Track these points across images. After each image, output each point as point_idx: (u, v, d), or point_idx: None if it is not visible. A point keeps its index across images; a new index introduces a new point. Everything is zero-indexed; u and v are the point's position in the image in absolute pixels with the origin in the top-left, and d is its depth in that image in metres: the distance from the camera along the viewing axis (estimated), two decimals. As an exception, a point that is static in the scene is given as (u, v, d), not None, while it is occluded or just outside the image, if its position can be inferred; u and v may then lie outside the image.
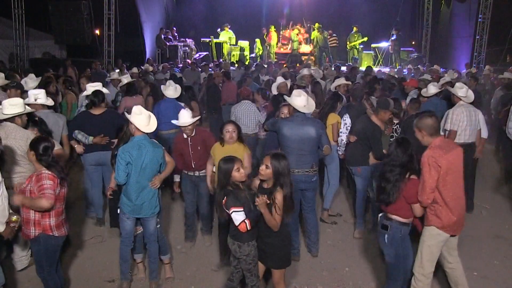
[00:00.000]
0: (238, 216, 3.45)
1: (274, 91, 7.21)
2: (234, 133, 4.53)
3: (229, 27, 17.98)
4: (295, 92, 4.91)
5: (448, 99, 6.94)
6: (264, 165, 3.58)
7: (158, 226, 4.47)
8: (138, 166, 4.07)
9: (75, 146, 5.50)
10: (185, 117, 4.81)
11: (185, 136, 4.94)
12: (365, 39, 17.44)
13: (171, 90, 6.65)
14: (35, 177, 3.65)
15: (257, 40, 18.11)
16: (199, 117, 5.29)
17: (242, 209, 3.45)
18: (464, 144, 5.93)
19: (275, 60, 17.19)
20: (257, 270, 3.72)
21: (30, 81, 7.04)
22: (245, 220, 3.44)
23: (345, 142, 5.59)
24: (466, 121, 5.84)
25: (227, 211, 3.50)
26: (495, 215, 6.25)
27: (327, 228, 5.77)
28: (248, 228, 3.46)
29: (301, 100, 4.73)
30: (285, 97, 5.18)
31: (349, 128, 5.62)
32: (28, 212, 3.69)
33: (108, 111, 5.63)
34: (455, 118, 5.84)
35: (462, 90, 5.94)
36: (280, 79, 6.74)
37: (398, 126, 5.70)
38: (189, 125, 4.81)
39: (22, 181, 3.93)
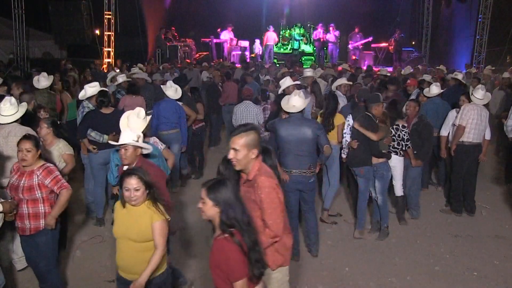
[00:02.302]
0: None
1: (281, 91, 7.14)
2: (137, 192, 3.06)
3: (231, 28, 17.95)
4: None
5: (451, 99, 6.95)
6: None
7: None
8: None
9: (89, 146, 5.50)
10: (126, 135, 3.63)
11: (124, 167, 3.70)
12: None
13: (172, 91, 6.64)
14: (43, 171, 3.71)
15: (257, 40, 18.11)
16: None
17: None
18: (471, 144, 5.94)
19: (275, 60, 17.20)
20: None
21: (43, 79, 7.06)
22: None
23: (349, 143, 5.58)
24: (476, 119, 5.85)
25: None
26: (495, 215, 6.25)
27: (327, 228, 5.77)
28: None
29: (292, 100, 4.73)
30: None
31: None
32: (36, 207, 3.74)
33: (117, 111, 5.62)
34: (465, 114, 5.84)
35: (479, 92, 5.95)
36: (289, 81, 6.68)
37: (406, 132, 5.61)
38: (127, 147, 3.61)
39: None
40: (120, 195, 3.19)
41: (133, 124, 4.03)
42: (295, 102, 4.71)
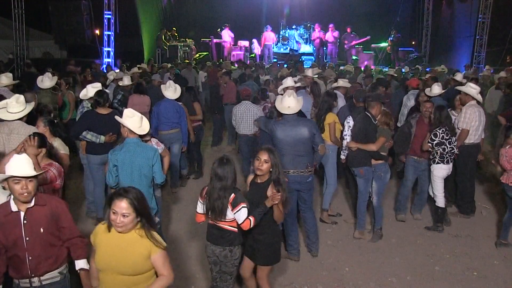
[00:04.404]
0: (244, 213, 3.43)
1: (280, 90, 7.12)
2: (125, 218, 2.62)
3: (228, 27, 17.93)
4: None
5: (451, 100, 6.94)
6: (263, 160, 3.63)
7: (158, 226, 4.47)
8: (127, 168, 4.05)
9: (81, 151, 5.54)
10: (24, 163, 2.87)
11: (13, 207, 2.89)
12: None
13: (170, 91, 6.64)
14: (56, 169, 3.78)
15: (254, 40, 18.09)
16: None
17: (246, 206, 3.45)
18: (473, 144, 5.95)
19: (274, 60, 17.19)
20: (236, 272, 3.74)
21: (47, 79, 7.06)
22: (250, 217, 3.44)
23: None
24: (477, 121, 5.85)
25: (233, 210, 3.42)
26: (495, 215, 6.25)
27: (327, 228, 5.77)
28: (252, 225, 3.45)
29: (286, 101, 4.72)
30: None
31: None
32: None
33: (115, 112, 5.61)
34: (468, 117, 5.81)
35: (476, 91, 5.95)
36: (290, 81, 6.63)
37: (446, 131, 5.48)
38: (26, 180, 2.83)
39: None
40: (106, 216, 2.71)
41: (145, 125, 4.17)
42: (290, 103, 4.69)
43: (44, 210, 2.94)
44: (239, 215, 3.43)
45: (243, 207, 3.42)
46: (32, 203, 2.91)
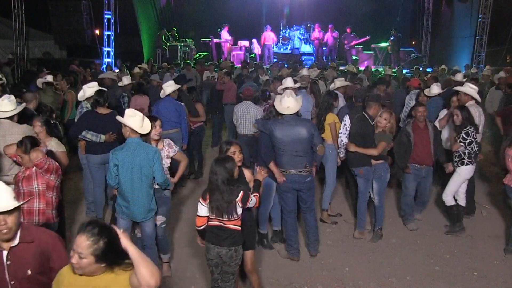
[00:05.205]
0: (252, 198, 3.60)
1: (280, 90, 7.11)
2: (81, 260, 2.10)
3: (228, 27, 17.91)
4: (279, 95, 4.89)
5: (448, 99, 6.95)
6: (238, 152, 3.82)
7: (164, 225, 4.52)
8: (127, 168, 4.04)
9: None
10: (4, 195, 2.37)
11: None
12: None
13: (161, 93, 6.70)
14: (55, 167, 3.81)
15: (254, 40, 18.08)
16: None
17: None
18: None
19: (275, 60, 17.18)
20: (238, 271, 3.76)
21: (49, 76, 7.10)
22: (256, 195, 3.64)
23: (344, 143, 5.56)
24: (478, 121, 5.84)
25: (247, 203, 3.52)
26: (495, 215, 6.24)
27: (327, 228, 5.76)
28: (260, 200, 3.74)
29: (285, 102, 4.71)
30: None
31: (348, 129, 5.59)
32: (32, 203, 3.75)
33: (114, 113, 5.60)
34: None
35: (475, 91, 5.94)
36: (290, 81, 6.61)
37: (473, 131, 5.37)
38: (4, 215, 2.35)
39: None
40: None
41: (146, 125, 4.13)
42: (289, 103, 4.67)
43: (31, 248, 2.44)
44: (251, 202, 3.58)
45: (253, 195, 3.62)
46: (17, 241, 2.42)
